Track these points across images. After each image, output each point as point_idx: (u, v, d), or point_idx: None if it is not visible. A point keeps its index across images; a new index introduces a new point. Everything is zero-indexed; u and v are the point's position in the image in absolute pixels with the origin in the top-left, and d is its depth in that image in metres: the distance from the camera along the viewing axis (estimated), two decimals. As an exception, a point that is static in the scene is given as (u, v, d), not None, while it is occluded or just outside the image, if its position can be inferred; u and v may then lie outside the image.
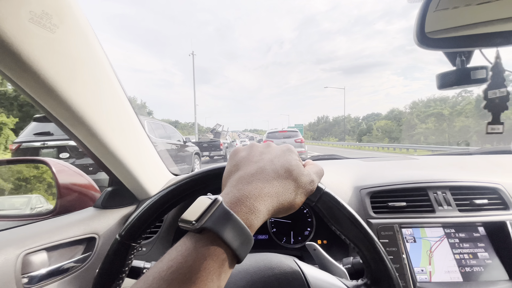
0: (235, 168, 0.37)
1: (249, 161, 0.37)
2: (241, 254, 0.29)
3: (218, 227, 0.28)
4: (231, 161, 0.40)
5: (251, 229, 0.30)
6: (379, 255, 0.40)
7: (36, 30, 0.41)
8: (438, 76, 0.64)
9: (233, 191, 0.32)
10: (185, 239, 0.29)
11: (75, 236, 0.73)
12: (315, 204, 0.41)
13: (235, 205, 0.30)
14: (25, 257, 0.63)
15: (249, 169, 0.35)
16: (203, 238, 0.28)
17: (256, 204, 0.31)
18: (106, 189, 0.89)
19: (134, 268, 0.56)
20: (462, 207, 0.79)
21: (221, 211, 0.29)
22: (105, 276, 0.45)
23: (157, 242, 0.88)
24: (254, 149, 0.41)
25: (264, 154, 0.39)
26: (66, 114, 0.54)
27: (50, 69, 0.45)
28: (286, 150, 0.40)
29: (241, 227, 0.29)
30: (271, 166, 0.36)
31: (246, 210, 0.30)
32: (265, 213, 0.32)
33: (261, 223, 0.32)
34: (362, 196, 0.84)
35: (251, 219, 0.30)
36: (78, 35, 0.50)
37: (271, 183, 0.33)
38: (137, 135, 0.80)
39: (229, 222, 0.28)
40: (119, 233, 0.45)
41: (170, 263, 0.26)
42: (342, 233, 0.42)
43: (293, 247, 0.92)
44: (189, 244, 0.28)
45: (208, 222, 0.28)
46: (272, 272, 0.43)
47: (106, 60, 0.61)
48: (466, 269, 0.71)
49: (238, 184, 0.33)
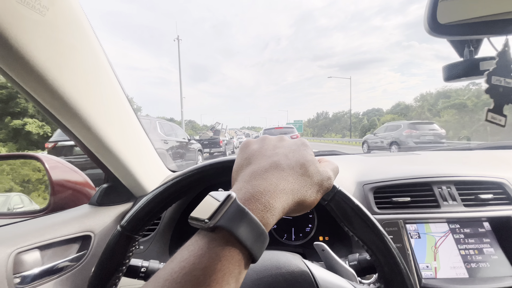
0: (247, 162, 0.35)
1: (262, 155, 0.35)
2: (257, 253, 0.27)
3: (233, 226, 0.26)
4: (242, 154, 0.37)
5: (266, 228, 0.28)
6: (395, 260, 0.39)
7: (25, 11, 0.38)
8: (445, 67, 0.63)
9: (247, 187, 0.30)
10: (197, 237, 0.27)
11: (69, 234, 0.70)
12: (327, 203, 0.39)
13: (249, 202, 0.28)
14: (17, 256, 0.60)
15: (262, 164, 0.33)
16: (217, 237, 0.26)
17: (271, 201, 0.29)
18: (101, 186, 0.86)
19: (132, 266, 0.53)
20: (467, 202, 0.78)
21: (235, 208, 0.27)
22: (104, 269, 0.43)
23: (154, 241, 0.86)
24: (267, 142, 0.39)
25: (278, 148, 0.37)
26: (57, 105, 0.51)
27: (40, 55, 0.42)
28: (300, 144, 0.38)
29: (257, 226, 0.27)
30: (286, 161, 0.34)
31: (261, 208, 0.28)
32: (280, 210, 0.30)
33: (276, 221, 0.30)
34: (365, 192, 0.83)
35: (266, 217, 0.28)
36: (70, 19, 0.47)
37: (286, 179, 0.31)
38: (134, 130, 0.77)
39: (244, 220, 0.26)
40: (120, 224, 0.43)
41: (182, 264, 0.24)
42: (355, 234, 0.40)
43: (294, 244, 0.90)
44: (202, 244, 0.25)
45: (222, 220, 0.26)
46: (279, 271, 0.41)
47: (101, 49, 0.58)
48: (471, 265, 0.70)
49: (252, 179, 0.31)
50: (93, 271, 0.43)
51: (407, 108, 45.34)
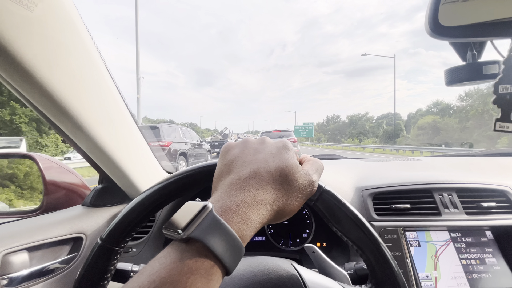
0: (227, 169, 0.34)
1: (242, 162, 0.34)
2: (231, 266, 0.26)
3: (207, 237, 0.25)
4: (222, 159, 0.36)
5: (242, 240, 0.27)
6: (384, 257, 0.37)
7: (11, 6, 0.37)
8: (447, 71, 0.61)
9: (224, 198, 0.29)
10: (169, 249, 0.25)
11: (60, 235, 0.69)
12: (314, 203, 0.38)
13: (226, 213, 0.27)
14: (5, 257, 0.59)
15: (242, 172, 0.32)
16: (190, 249, 0.25)
17: (248, 213, 0.28)
18: (95, 187, 0.85)
19: (121, 271, 0.52)
20: (469, 210, 0.76)
21: (210, 219, 0.26)
22: (85, 282, 0.41)
23: (148, 243, 0.84)
24: (248, 146, 0.37)
25: (258, 153, 0.35)
26: (46, 103, 0.49)
27: (28, 52, 0.41)
28: (281, 147, 0.37)
29: (233, 238, 0.26)
30: (266, 168, 0.32)
31: (238, 220, 0.27)
32: (258, 222, 0.29)
33: (253, 233, 0.29)
34: (364, 197, 0.81)
35: (243, 229, 0.27)
36: (61, 16, 0.46)
37: (265, 189, 0.31)
38: (128, 130, 0.75)
39: (219, 232, 0.25)
40: (100, 236, 0.42)
41: (152, 277, 0.23)
42: (343, 234, 0.39)
43: (291, 250, 0.88)
44: (174, 256, 0.24)
45: (196, 231, 0.25)
46: (268, 277, 0.39)
47: (94, 47, 0.57)
48: (473, 276, 0.68)
49: (230, 190, 0.30)
50: (74, 283, 0.42)
51: (448, 108, 36.52)
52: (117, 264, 0.44)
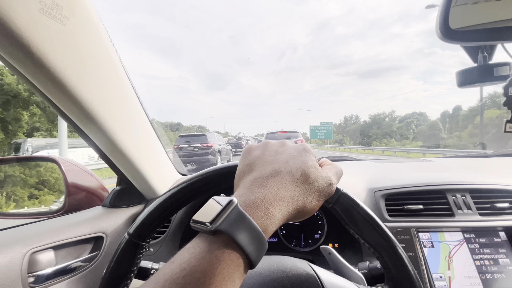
0: (249, 168, 0.36)
1: (264, 162, 0.36)
2: (256, 259, 0.27)
3: (233, 230, 0.26)
4: (244, 160, 0.38)
5: (265, 234, 0.28)
6: (401, 260, 0.38)
7: (46, 21, 0.40)
8: (459, 73, 0.62)
9: (248, 194, 0.31)
10: (198, 240, 0.27)
11: (82, 235, 0.72)
12: (332, 206, 0.40)
13: (250, 208, 0.29)
14: (32, 255, 0.62)
15: (263, 171, 0.34)
16: (218, 241, 0.26)
17: (271, 208, 0.30)
18: (114, 188, 0.88)
19: (142, 268, 0.54)
20: (482, 211, 0.76)
21: (236, 213, 0.27)
22: (113, 275, 0.43)
23: (164, 243, 0.87)
24: (269, 147, 0.39)
25: (279, 154, 0.37)
26: (75, 109, 0.53)
27: (60, 63, 0.44)
28: (302, 150, 0.38)
29: (257, 232, 0.27)
30: (287, 168, 0.34)
31: (261, 215, 0.29)
32: (280, 218, 0.30)
33: (276, 228, 0.30)
34: (376, 199, 0.81)
35: (266, 224, 0.29)
36: (89, 28, 0.49)
37: (286, 187, 0.32)
38: (146, 134, 0.79)
39: (244, 226, 0.27)
40: (127, 231, 0.44)
41: (183, 266, 0.24)
42: (360, 236, 0.40)
43: (303, 251, 0.89)
44: (202, 247, 0.26)
45: (223, 224, 0.26)
46: (285, 276, 0.41)
47: (116, 56, 0.60)
48: (486, 276, 0.68)
49: (253, 186, 0.32)
50: (103, 278, 0.44)
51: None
52: (142, 257, 0.46)
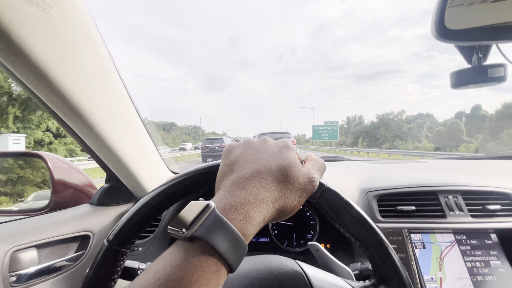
0: (229, 169, 0.35)
1: (244, 161, 0.35)
2: (234, 264, 0.26)
3: (210, 236, 0.25)
4: (225, 160, 0.37)
5: (245, 238, 0.28)
6: (387, 252, 0.38)
7: (28, 8, 0.38)
8: (453, 74, 0.62)
9: (227, 197, 0.30)
10: (174, 248, 0.26)
11: (68, 233, 0.70)
12: (316, 201, 0.39)
13: (228, 212, 0.28)
14: (14, 254, 0.60)
15: (244, 171, 0.33)
16: (194, 248, 0.25)
17: (250, 211, 0.29)
18: (102, 186, 0.86)
19: (128, 269, 0.52)
20: (474, 213, 0.76)
21: (213, 218, 0.26)
22: (92, 283, 0.41)
23: (154, 242, 0.85)
24: (250, 146, 0.38)
25: (260, 152, 0.36)
26: (58, 103, 0.51)
27: (42, 52, 0.42)
28: (283, 146, 0.37)
29: (235, 236, 0.27)
30: (267, 167, 0.33)
31: (241, 218, 0.28)
32: (260, 220, 0.30)
33: (256, 231, 0.30)
34: (369, 199, 0.81)
35: (245, 227, 0.28)
36: (74, 18, 0.47)
37: (266, 187, 0.31)
38: (136, 131, 0.77)
39: (222, 230, 0.26)
40: (107, 237, 0.42)
41: (157, 275, 0.23)
42: (346, 230, 0.39)
43: (295, 251, 0.89)
44: (178, 254, 0.25)
45: (199, 230, 0.25)
46: (272, 275, 0.40)
47: (105, 49, 0.58)
48: (478, 278, 0.68)
49: (232, 189, 0.31)
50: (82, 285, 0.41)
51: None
52: (124, 264, 0.44)
